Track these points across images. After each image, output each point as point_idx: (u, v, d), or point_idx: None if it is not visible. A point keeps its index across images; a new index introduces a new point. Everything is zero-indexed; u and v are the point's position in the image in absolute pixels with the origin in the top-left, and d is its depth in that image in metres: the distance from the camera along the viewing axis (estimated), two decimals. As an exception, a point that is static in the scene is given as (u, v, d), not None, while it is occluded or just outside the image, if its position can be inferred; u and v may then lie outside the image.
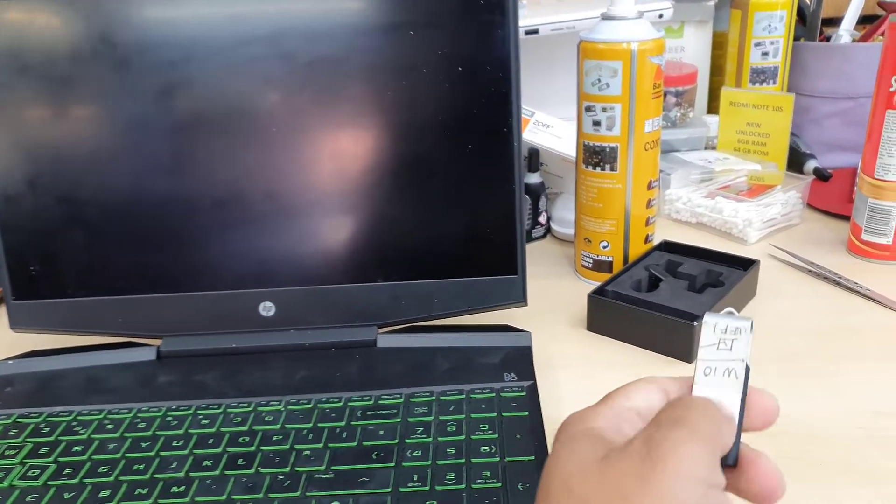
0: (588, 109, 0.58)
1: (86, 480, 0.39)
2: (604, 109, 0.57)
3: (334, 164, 0.49)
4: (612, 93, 0.57)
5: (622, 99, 0.57)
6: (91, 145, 0.49)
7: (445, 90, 0.48)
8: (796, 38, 0.91)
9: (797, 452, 0.40)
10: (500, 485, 0.36)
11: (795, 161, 0.85)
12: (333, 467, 0.39)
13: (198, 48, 0.47)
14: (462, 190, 0.49)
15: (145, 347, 0.51)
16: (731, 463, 0.25)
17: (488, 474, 0.37)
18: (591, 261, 0.62)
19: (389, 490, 0.37)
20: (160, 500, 0.37)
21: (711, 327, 0.26)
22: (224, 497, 0.37)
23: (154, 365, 0.50)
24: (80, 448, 0.41)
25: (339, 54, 0.47)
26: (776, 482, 0.25)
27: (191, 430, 0.42)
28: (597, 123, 0.58)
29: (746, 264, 0.58)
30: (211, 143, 0.49)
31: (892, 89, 0.60)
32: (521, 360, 0.48)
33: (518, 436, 0.40)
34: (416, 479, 0.37)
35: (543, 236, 0.73)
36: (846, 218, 0.70)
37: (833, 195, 0.78)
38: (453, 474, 0.37)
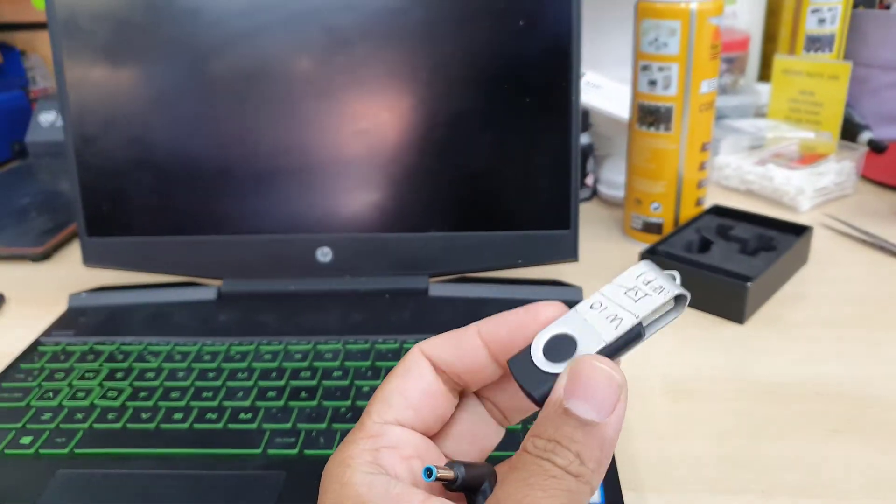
0: (644, 69, 0.58)
1: (160, 403, 0.41)
2: (660, 69, 0.57)
3: (393, 114, 0.50)
4: (670, 52, 0.56)
5: (679, 59, 0.56)
6: (161, 94, 0.50)
7: (505, 43, 0.48)
8: (855, 6, 0.88)
9: (855, 413, 0.41)
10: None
11: (849, 133, 0.83)
12: (393, 402, 0.40)
13: (259, 10, 0.48)
14: (518, 143, 0.50)
15: (207, 287, 0.53)
16: None
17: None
18: (640, 222, 0.62)
19: (447, 425, 0.38)
20: (230, 425, 0.39)
21: (636, 273, 0.23)
22: (290, 425, 0.39)
23: (215, 304, 0.52)
24: (151, 375, 0.44)
25: (399, 4, 0.48)
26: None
27: (254, 364, 0.44)
28: (652, 83, 0.58)
29: (799, 230, 0.57)
30: (273, 93, 0.50)
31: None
32: (571, 313, 0.49)
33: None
34: (472, 416, 0.39)
35: (589, 198, 0.73)
36: (902, 190, 0.69)
37: (890, 167, 0.77)
38: (508, 414, 0.39)
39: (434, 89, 0.49)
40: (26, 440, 0.38)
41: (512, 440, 0.26)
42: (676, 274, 0.23)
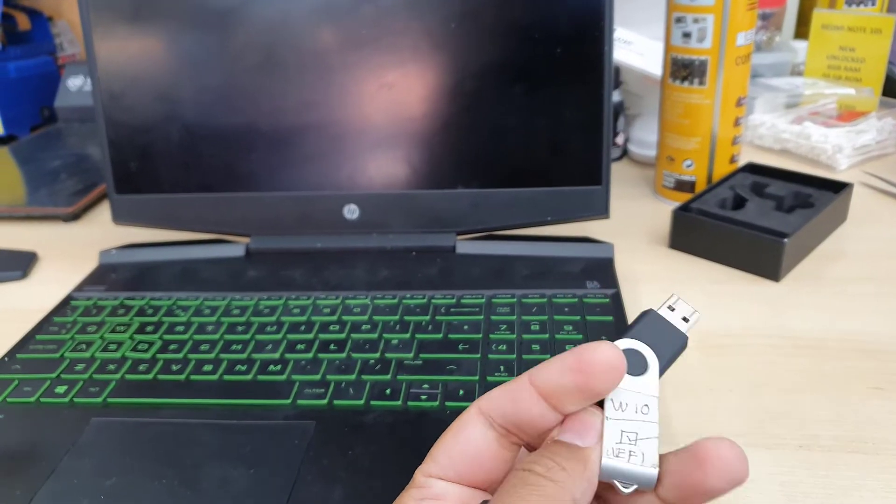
0: (678, 20, 0.56)
1: (190, 356, 0.41)
2: (695, 20, 0.55)
3: (420, 67, 0.49)
4: (705, 3, 0.54)
5: (715, 9, 0.54)
6: (188, 51, 0.50)
7: (537, -8, 0.47)
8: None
9: (893, 368, 0.40)
10: (585, 378, 0.37)
11: (891, 91, 0.80)
12: (421, 355, 0.40)
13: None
14: (549, 95, 0.49)
15: (234, 244, 0.53)
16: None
17: (573, 369, 0.38)
18: (672, 180, 0.61)
19: (477, 378, 0.38)
20: (259, 377, 0.39)
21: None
22: (319, 377, 0.39)
23: (243, 261, 0.52)
24: (181, 328, 0.44)
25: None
26: (739, 466, 0.21)
27: (283, 318, 0.44)
28: (687, 35, 0.56)
29: (837, 187, 0.56)
30: (299, 49, 0.49)
31: None
32: (603, 270, 0.48)
33: (603, 337, 0.41)
34: (502, 369, 0.38)
35: (619, 158, 0.72)
36: (946, 147, 0.66)
37: (932, 125, 0.74)
38: (538, 367, 0.38)
39: (463, 40, 0.48)
40: (61, 389, 0.39)
41: None
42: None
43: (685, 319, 0.24)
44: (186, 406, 0.37)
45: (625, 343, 0.23)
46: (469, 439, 0.23)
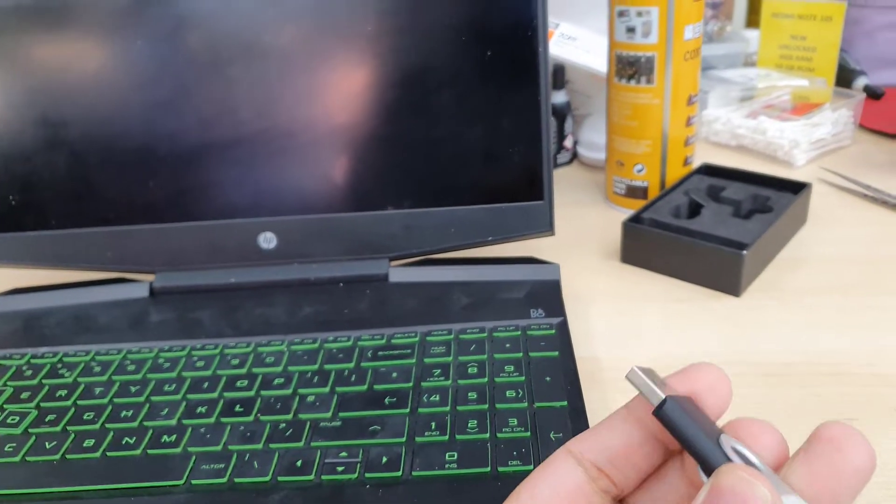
0: (621, 14, 0.51)
1: (69, 428, 0.35)
2: (639, 14, 0.51)
3: (336, 78, 0.43)
4: (650, -6, 0.50)
5: (660, 1, 0.50)
6: (69, 62, 0.43)
7: (461, -12, 0.42)
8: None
9: (865, 395, 0.36)
10: (528, 434, 0.32)
11: (843, 79, 0.77)
12: (341, 414, 0.35)
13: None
14: (481, 103, 0.43)
15: (137, 283, 0.47)
16: None
17: (515, 422, 0.33)
18: (623, 186, 0.57)
19: (404, 440, 0.33)
20: (150, 451, 0.33)
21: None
22: (219, 447, 0.33)
23: (147, 302, 0.46)
24: (63, 392, 0.38)
25: (338, -54, 0.41)
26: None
27: (184, 373, 0.38)
28: (631, 30, 0.51)
29: (796, 188, 0.52)
30: (203, 62, 0.43)
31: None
32: (549, 295, 0.43)
33: (548, 378, 0.36)
34: (433, 427, 0.33)
35: (569, 162, 0.67)
36: (904, 138, 0.63)
37: (888, 114, 0.71)
38: (476, 422, 0.33)
39: (381, 44, 0.43)
40: None
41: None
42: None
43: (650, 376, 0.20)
44: (57, 496, 0.31)
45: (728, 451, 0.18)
46: (556, 475, 0.21)
